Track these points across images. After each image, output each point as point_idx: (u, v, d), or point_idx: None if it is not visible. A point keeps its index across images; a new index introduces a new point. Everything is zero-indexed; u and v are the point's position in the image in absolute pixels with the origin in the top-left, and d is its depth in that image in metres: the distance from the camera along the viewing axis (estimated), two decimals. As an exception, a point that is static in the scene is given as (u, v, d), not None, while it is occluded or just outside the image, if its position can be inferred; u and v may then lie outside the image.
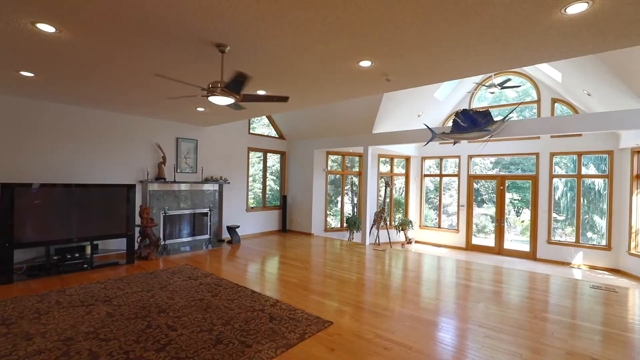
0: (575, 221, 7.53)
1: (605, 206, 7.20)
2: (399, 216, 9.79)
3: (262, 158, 8.81)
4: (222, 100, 2.95)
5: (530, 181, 8.15)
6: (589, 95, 6.07)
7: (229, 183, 7.53)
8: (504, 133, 5.76)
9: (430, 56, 3.08)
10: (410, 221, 9.16)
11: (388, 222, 8.85)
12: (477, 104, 8.99)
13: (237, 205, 8.01)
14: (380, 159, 9.46)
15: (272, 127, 9.03)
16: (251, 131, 8.42)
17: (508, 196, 9.08)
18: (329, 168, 8.94)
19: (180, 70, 3.49)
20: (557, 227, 7.81)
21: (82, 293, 4.02)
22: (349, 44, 2.85)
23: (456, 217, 9.21)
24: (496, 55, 3.00)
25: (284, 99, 3.07)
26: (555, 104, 7.71)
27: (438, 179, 9.79)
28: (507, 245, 8.40)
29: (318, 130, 8.29)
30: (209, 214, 7.24)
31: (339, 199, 9.37)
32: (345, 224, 9.09)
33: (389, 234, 8.96)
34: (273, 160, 9.22)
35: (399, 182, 9.98)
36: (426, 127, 6.67)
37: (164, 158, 6.44)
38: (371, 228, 8.67)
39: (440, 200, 9.65)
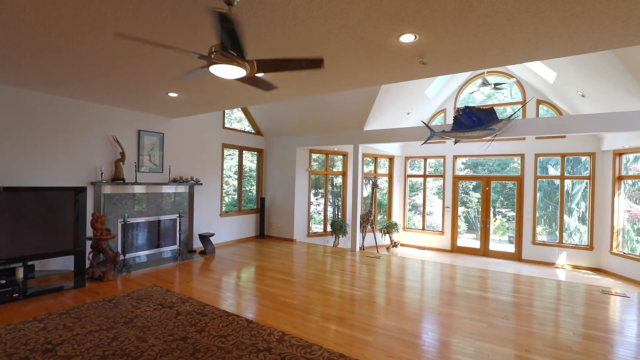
0: (558, 222, 7.60)
1: (573, 205, 7.37)
2: (380, 217, 9.36)
3: (237, 156, 7.85)
4: (229, 72, 2.13)
5: (515, 182, 8.13)
6: (583, 97, 6.03)
7: (200, 184, 6.52)
8: (509, 132, 5.49)
9: (489, 34, 2.52)
10: (396, 224, 8.77)
11: (374, 226, 8.36)
12: (462, 104, 8.82)
13: (210, 209, 7.00)
14: (365, 158, 8.95)
15: (247, 121, 8.10)
16: (226, 125, 7.44)
17: (476, 196, 9.07)
18: (311, 168, 8.22)
19: (160, 31, 2.59)
20: (541, 227, 7.85)
21: (10, 339, 2.91)
22: (397, 9, 2.19)
23: (440, 218, 8.98)
24: (570, 39, 2.53)
25: (317, 62, 2.22)
26: (540, 106, 7.73)
27: (421, 179, 9.52)
28: (492, 246, 8.32)
29: (302, 127, 7.54)
30: (178, 220, 6.18)
31: (322, 201, 8.70)
32: (329, 229, 8.45)
33: (375, 238, 8.48)
34: (248, 159, 8.29)
35: (381, 183, 9.55)
36: (424, 125, 6.24)
37: (122, 154, 5.30)
38: (362, 230, 8.13)
39: (424, 201, 9.39)
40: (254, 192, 8.40)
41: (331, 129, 7.26)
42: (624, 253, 6.51)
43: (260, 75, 2.85)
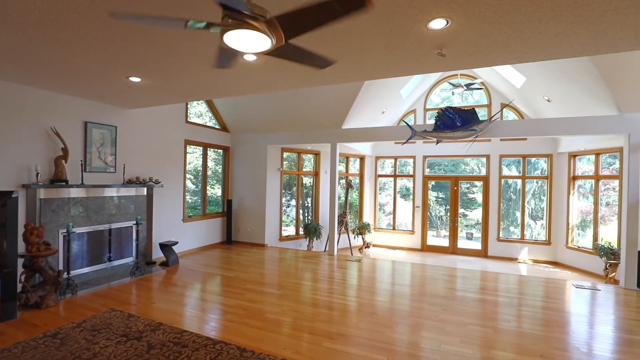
0: (520, 219, 8.05)
1: (527, 203, 7.91)
2: (350, 218, 9.17)
3: (201, 154, 7.07)
4: (250, 41, 1.61)
5: (482, 182, 8.45)
6: (549, 102, 6.37)
7: (161, 186, 5.69)
8: (489, 133, 5.57)
9: (523, 26, 2.33)
10: (368, 224, 8.63)
11: (347, 227, 8.12)
12: (430, 105, 8.96)
13: (172, 214, 6.18)
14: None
15: (212, 116, 7.35)
16: (189, 119, 6.63)
17: (433, 194, 9.37)
18: (283, 168, 7.72)
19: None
20: (505, 225, 8.26)
21: None
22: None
23: (403, 217, 9.05)
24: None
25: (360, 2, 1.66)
26: (504, 109, 8.11)
27: (385, 179, 9.52)
28: (460, 244, 8.57)
29: (274, 123, 7.01)
30: (134, 228, 5.31)
31: (293, 203, 8.24)
32: (302, 231, 8.03)
33: (349, 239, 8.25)
34: (211, 159, 7.53)
35: (354, 183, 9.37)
36: (405, 124, 6.12)
37: (64, 150, 4.36)
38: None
39: (394, 201, 9.39)
40: (220, 194, 7.66)
41: (307, 126, 6.84)
42: (578, 247, 7.05)
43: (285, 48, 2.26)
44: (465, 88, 7.12)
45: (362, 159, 9.30)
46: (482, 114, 8.21)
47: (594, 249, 6.58)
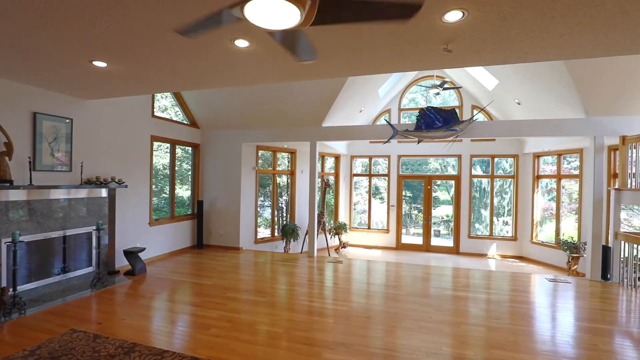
0: (489, 216, 8.41)
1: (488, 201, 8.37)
2: (326, 218, 9.03)
3: (169, 151, 6.51)
4: (274, 13, 1.35)
5: (453, 181, 8.71)
6: (519, 104, 6.68)
7: (125, 186, 5.11)
8: (469, 133, 5.69)
9: (537, 22, 2.29)
10: (345, 224, 8.54)
11: (325, 227, 7.96)
12: (404, 105, 9.07)
13: (138, 217, 5.60)
14: (313, 156, 8.48)
15: (181, 110, 6.80)
16: (155, 113, 6.06)
17: (406, 194, 9.60)
18: (258, 166, 7.36)
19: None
20: (476, 222, 8.58)
21: None
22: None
23: (385, 217, 9.11)
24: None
25: (412, 8, 1.52)
26: (473, 111, 8.41)
27: (363, 178, 9.52)
28: (434, 242, 8.77)
29: (250, 119, 6.64)
30: (95, 234, 4.70)
31: (267, 203, 7.91)
32: (278, 233, 7.72)
33: (327, 240, 8.09)
34: (179, 157, 6.98)
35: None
36: (387, 124, 6.07)
37: (8, 146, 3.71)
38: (305, 234, 7.63)
39: (369, 200, 9.40)
40: (189, 194, 7.12)
41: (286, 123, 6.56)
42: (542, 242, 7.51)
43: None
44: (441, 89, 7.26)
45: (337, 158, 9.19)
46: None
47: (557, 244, 7.03)
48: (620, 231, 4.98)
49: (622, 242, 4.91)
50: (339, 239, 8.49)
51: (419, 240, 8.87)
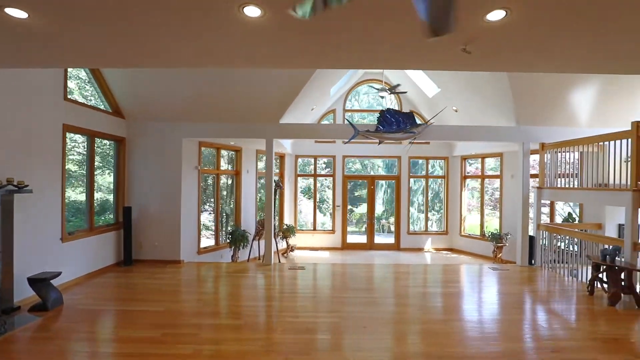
0: (424, 213, 9.11)
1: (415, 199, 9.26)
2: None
3: (86, 146, 5.15)
4: None
5: (393, 181, 9.17)
6: (456, 111, 7.37)
7: (29, 191, 3.79)
8: (424, 136, 5.98)
9: (568, 33, 2.40)
10: (293, 227, 8.17)
11: (274, 230, 7.45)
12: (348, 105, 9.17)
13: (46, 232, 4.24)
14: (259, 155, 7.89)
15: (98, 92, 5.45)
16: (69, 95, 4.70)
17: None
18: (201, 165, 6.44)
19: None
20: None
21: None
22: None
23: (331, 218, 9.07)
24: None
25: None
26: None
27: (310, 178, 9.33)
28: (377, 240, 9.09)
29: (193, 111, 5.73)
30: (-17, 260, 3.34)
31: (208, 207, 7.01)
32: (223, 240, 6.90)
33: (276, 244, 7.58)
34: (101, 153, 5.63)
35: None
36: (349, 123, 5.96)
37: None
38: (253, 239, 7.06)
39: (315, 201, 9.22)
40: (112, 200, 5.79)
41: (237, 117, 5.86)
42: (469, 235, 8.48)
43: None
44: (389, 92, 7.51)
45: (282, 157, 8.74)
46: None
47: (482, 236, 8.02)
48: (541, 223, 5.89)
49: (543, 231, 5.82)
50: (287, 243, 8.08)
51: (363, 239, 9.08)
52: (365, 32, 2.46)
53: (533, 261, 5.97)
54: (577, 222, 6.58)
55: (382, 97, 7.79)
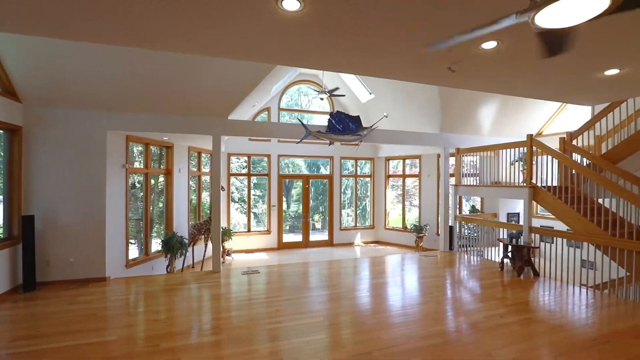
0: (353, 210, 9.74)
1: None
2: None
3: (-32, 135, 3.80)
4: (574, 10, 1.16)
5: (326, 180, 9.50)
6: (386, 117, 8.12)
7: None
8: (370, 139, 6.43)
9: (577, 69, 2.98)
10: (230, 230, 7.69)
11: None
12: (283, 105, 9.10)
13: None
14: (191, 152, 7.16)
15: (-13, 69, 4.10)
16: (-56, 67, 3.40)
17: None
18: (129, 164, 5.48)
19: None
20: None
21: None
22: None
23: (266, 218, 8.86)
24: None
25: None
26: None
27: (252, 177, 8.91)
28: (312, 237, 9.29)
29: (122, 99, 4.83)
30: None
31: (137, 210, 6.03)
32: (154, 248, 6.02)
33: (205, 250, 7.02)
34: (-14, 143, 4.25)
35: (206, 182, 8.01)
36: (300, 123, 5.96)
37: None
38: (188, 245, 6.43)
39: (249, 201, 8.84)
40: (2, 207, 4.42)
41: (177, 109, 5.19)
42: (393, 227, 9.47)
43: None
44: (328, 95, 7.79)
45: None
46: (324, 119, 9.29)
47: (404, 228, 9.07)
48: (458, 214, 7.05)
49: (459, 222, 6.98)
50: (223, 247, 7.55)
51: (299, 238, 9.16)
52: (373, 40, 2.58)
53: (452, 247, 7.09)
54: (479, 213, 8.09)
55: (322, 99, 8.01)
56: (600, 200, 4.97)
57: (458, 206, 8.34)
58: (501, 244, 5.63)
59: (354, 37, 2.48)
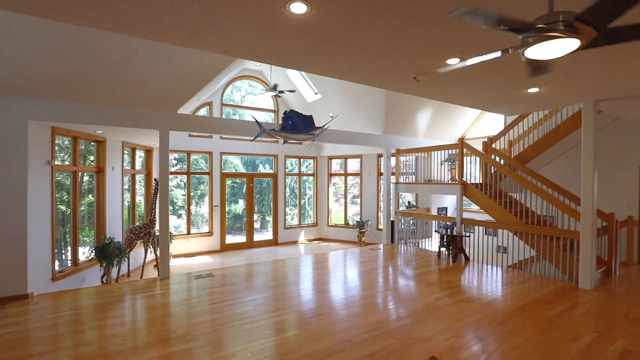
0: (297, 209, 9.85)
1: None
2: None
3: None
4: (554, 48, 1.48)
5: (271, 178, 9.42)
6: (332, 118, 8.41)
7: None
8: (320, 138, 6.62)
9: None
10: (170, 233, 7.09)
11: (154, 240, 6.28)
12: (226, 100, 8.73)
13: None
14: (125, 148, 6.42)
15: None
16: None
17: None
18: (55, 161, 4.69)
19: None
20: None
21: None
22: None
23: (208, 219, 8.40)
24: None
25: None
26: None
27: (184, 176, 8.30)
28: (256, 237, 9.11)
29: (49, 82, 4.13)
30: None
31: (66, 215, 5.18)
32: (85, 257, 5.25)
33: (148, 254, 6.40)
34: None
35: (140, 182, 7.24)
36: (254, 121, 5.84)
37: None
38: (129, 251, 5.83)
39: (189, 202, 8.27)
40: None
41: (118, 99, 4.63)
42: (335, 224, 9.86)
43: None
44: (277, 93, 7.76)
45: (149, 151, 7.40)
46: (266, 115, 9.21)
47: (346, 224, 9.54)
48: (398, 209, 7.73)
49: (399, 217, 7.66)
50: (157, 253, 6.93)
51: (242, 239, 8.91)
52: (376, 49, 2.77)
53: (394, 240, 7.74)
54: (414, 208, 8.97)
55: (278, 96, 7.92)
56: (513, 195, 6.03)
57: (396, 202, 9.14)
58: (436, 235, 6.40)
59: (357, 45, 2.63)
